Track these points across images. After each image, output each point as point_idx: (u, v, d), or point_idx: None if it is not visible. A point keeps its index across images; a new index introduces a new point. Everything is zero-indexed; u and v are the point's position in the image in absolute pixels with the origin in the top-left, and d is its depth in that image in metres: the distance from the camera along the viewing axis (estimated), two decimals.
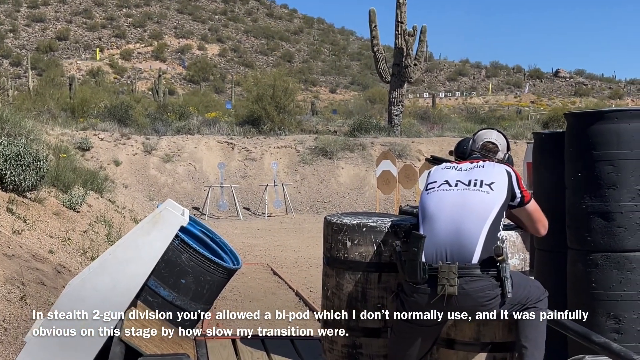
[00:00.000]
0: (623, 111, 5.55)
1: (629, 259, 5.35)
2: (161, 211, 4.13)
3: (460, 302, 3.62)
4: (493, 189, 3.83)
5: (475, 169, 3.96)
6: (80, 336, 3.87)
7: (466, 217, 3.74)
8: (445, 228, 3.75)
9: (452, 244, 3.70)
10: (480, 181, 3.87)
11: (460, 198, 3.83)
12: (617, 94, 79.29)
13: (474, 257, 3.64)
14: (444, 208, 3.83)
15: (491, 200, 3.79)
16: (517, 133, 28.09)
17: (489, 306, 3.64)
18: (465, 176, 3.93)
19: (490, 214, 3.75)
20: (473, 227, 3.71)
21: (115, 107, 29.19)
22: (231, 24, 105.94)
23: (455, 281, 3.59)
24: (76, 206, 11.09)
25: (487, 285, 3.62)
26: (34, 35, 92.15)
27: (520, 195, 3.95)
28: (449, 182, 3.94)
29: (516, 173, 4.01)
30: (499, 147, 4.22)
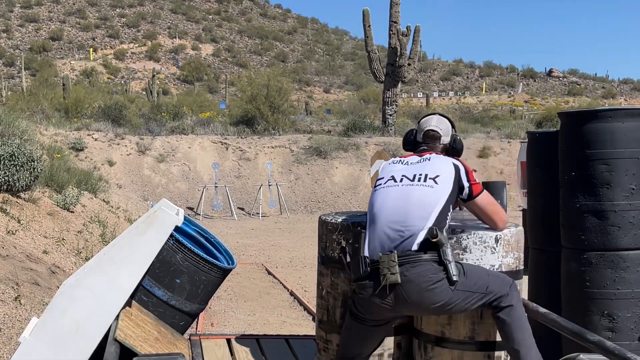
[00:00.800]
0: (616, 110, 5.56)
1: (623, 257, 5.37)
2: (156, 211, 4.12)
3: (405, 291, 3.55)
4: (437, 182, 3.77)
5: (422, 163, 3.91)
6: (75, 336, 3.87)
7: (409, 212, 3.70)
8: (388, 223, 3.72)
9: (395, 237, 3.67)
10: (424, 175, 3.81)
11: (404, 193, 3.79)
12: (610, 93, 79.52)
13: (414, 246, 3.60)
14: (387, 204, 3.79)
15: (435, 195, 3.74)
16: (511, 132, 28.15)
17: (436, 291, 3.54)
18: (410, 170, 3.89)
19: (434, 208, 3.69)
20: (416, 221, 3.66)
21: (109, 107, 29.17)
22: (225, 23, 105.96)
23: (396, 269, 3.53)
24: (70, 206, 11.07)
25: (428, 269, 3.55)
26: (28, 36, 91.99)
27: (468, 188, 3.84)
28: (394, 177, 3.91)
29: (465, 166, 3.91)
30: (440, 133, 4.16)
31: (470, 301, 3.63)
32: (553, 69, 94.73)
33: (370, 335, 3.88)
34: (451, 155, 4.12)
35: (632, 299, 5.37)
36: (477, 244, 3.77)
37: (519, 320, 3.69)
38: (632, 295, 5.37)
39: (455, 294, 3.58)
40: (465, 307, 3.65)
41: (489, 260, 3.77)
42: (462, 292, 3.59)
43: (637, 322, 5.41)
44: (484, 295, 3.64)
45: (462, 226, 3.91)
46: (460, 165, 3.89)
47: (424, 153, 4.03)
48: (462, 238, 3.79)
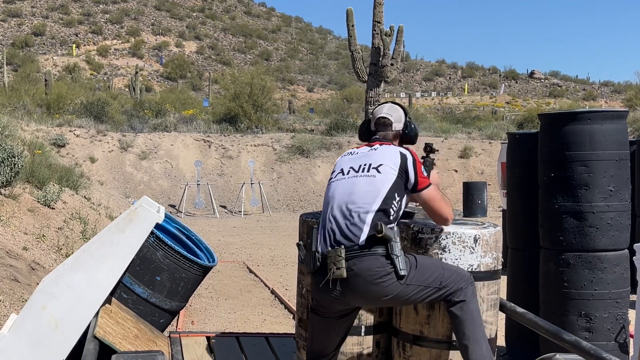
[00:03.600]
0: (595, 112, 5.62)
1: (601, 258, 5.42)
2: (136, 208, 4.12)
3: (353, 285, 3.60)
4: (380, 171, 3.77)
5: (368, 153, 3.92)
6: (54, 333, 3.86)
7: (352, 202, 3.73)
8: (335, 216, 3.76)
9: (341, 230, 3.70)
10: (368, 165, 3.83)
11: (349, 185, 3.82)
12: (591, 95, 79.91)
13: (360, 239, 3.62)
14: (334, 197, 3.84)
15: (377, 183, 3.74)
16: (492, 133, 28.26)
17: (383, 285, 3.57)
18: (357, 161, 3.91)
19: (377, 197, 3.70)
20: (359, 211, 3.68)
21: (91, 103, 29.04)
22: (209, 21, 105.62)
23: (342, 263, 3.57)
24: (51, 203, 11.02)
25: (375, 264, 3.57)
26: (10, 31, 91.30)
27: (414, 179, 3.80)
28: (343, 170, 3.94)
29: (414, 156, 3.87)
30: (391, 119, 4.11)
31: (423, 294, 3.66)
32: (535, 70, 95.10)
33: (332, 329, 3.92)
34: (404, 142, 4.12)
35: (609, 299, 5.43)
36: (456, 244, 3.80)
37: (471, 316, 3.68)
38: (609, 296, 5.43)
39: (406, 287, 3.61)
40: (419, 299, 3.69)
41: (467, 260, 3.80)
42: (414, 286, 3.63)
43: (614, 323, 5.47)
44: (438, 289, 3.67)
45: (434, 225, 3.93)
46: (409, 155, 3.86)
47: (374, 143, 4.02)
48: (441, 238, 3.81)
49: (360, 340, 4.13)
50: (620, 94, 75.10)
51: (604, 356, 3.15)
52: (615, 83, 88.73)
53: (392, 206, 3.72)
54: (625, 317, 5.56)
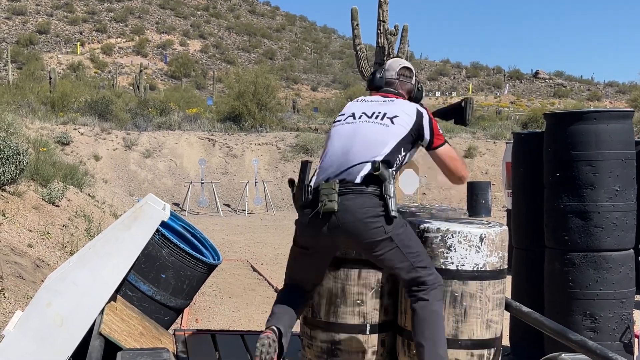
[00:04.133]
0: (601, 112, 5.62)
1: (606, 258, 5.41)
2: (142, 205, 4.12)
3: (341, 219, 3.58)
4: (394, 122, 3.78)
5: (385, 103, 3.93)
6: (59, 330, 3.87)
7: (357, 144, 3.74)
8: (336, 155, 3.79)
9: (339, 167, 3.72)
10: (383, 114, 3.83)
11: (358, 128, 3.83)
12: (595, 95, 79.78)
13: (357, 179, 3.63)
14: (340, 137, 3.86)
15: (388, 133, 3.75)
16: (497, 133, 28.24)
17: (370, 226, 3.56)
18: (370, 108, 3.91)
19: (385, 146, 3.71)
20: (362, 154, 3.69)
21: (95, 101, 29.05)
22: (213, 20, 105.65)
23: (334, 197, 3.56)
24: (55, 200, 11.03)
25: (367, 202, 3.58)
26: (15, 28, 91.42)
27: (429, 137, 3.84)
28: (354, 114, 3.93)
29: (430, 115, 3.91)
30: (413, 72, 4.17)
31: (398, 259, 3.65)
32: (539, 70, 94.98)
33: (310, 265, 3.94)
34: (413, 99, 4.12)
35: (614, 299, 5.42)
36: (461, 243, 3.79)
37: (434, 317, 3.66)
38: (614, 296, 5.42)
39: (388, 242, 3.62)
40: (390, 263, 3.68)
41: (473, 259, 3.79)
42: (395, 245, 3.64)
43: (619, 323, 5.46)
44: (411, 266, 3.67)
45: (446, 224, 3.93)
46: (425, 113, 3.89)
47: (389, 95, 4.03)
48: (447, 237, 3.81)
49: (365, 339, 4.12)
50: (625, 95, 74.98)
51: (610, 356, 3.14)
52: (620, 83, 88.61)
53: (397, 159, 3.75)
54: (631, 317, 5.55)
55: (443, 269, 3.82)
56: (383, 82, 4.14)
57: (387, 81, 4.14)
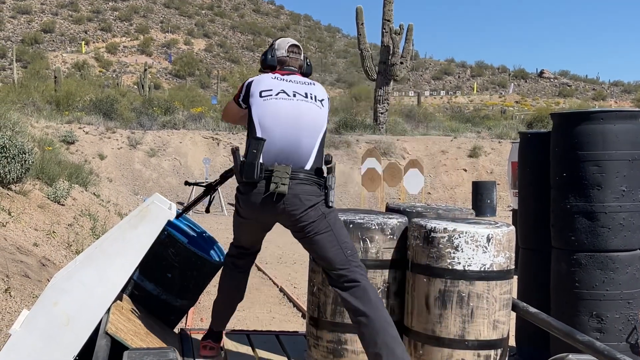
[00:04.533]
0: (608, 112, 5.59)
1: (613, 259, 5.40)
2: (149, 205, 4.12)
3: (288, 203, 3.86)
4: (323, 105, 4.13)
5: (308, 85, 4.18)
6: (66, 329, 3.87)
7: (304, 127, 4.00)
8: (284, 135, 3.96)
9: (290, 150, 3.94)
10: (315, 96, 4.11)
11: (299, 109, 4.03)
12: (600, 95, 79.73)
13: (307, 164, 3.93)
14: (283, 116, 4.01)
15: (322, 116, 4.10)
16: (502, 133, 28.21)
17: (311, 213, 3.87)
18: (300, 88, 4.13)
19: (322, 127, 4.07)
20: (309, 137, 3.99)
21: (100, 100, 29.11)
22: (218, 19, 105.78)
23: (287, 181, 3.81)
24: (61, 199, 11.05)
25: (313, 190, 3.90)
26: (20, 27, 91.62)
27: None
28: (285, 91, 4.09)
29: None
30: (301, 49, 4.39)
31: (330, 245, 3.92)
32: (544, 70, 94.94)
33: (254, 231, 4.29)
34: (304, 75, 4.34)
35: (620, 300, 5.40)
36: (468, 243, 3.79)
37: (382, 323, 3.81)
38: (621, 296, 5.40)
39: (323, 223, 3.91)
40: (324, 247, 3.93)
41: (480, 260, 3.79)
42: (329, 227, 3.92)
43: (626, 323, 5.44)
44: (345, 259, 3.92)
45: (453, 224, 3.92)
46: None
47: (295, 73, 4.25)
48: (454, 237, 3.80)
49: None
50: (630, 94, 74.94)
51: (617, 357, 3.13)
52: (625, 83, 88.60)
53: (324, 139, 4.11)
54: (637, 318, 5.53)
55: (450, 269, 3.81)
56: (275, 62, 4.33)
57: (279, 60, 4.33)
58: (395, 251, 4.13)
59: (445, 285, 3.83)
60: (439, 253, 3.84)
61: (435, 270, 3.86)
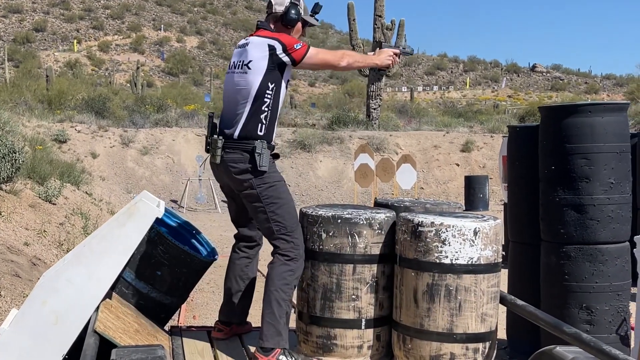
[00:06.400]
0: (596, 105, 5.61)
1: (602, 251, 5.42)
2: (136, 202, 4.12)
3: (221, 170, 4.27)
4: (250, 67, 4.16)
5: (243, 49, 4.30)
6: (55, 328, 3.87)
7: (233, 98, 4.23)
8: (224, 108, 4.33)
9: (225, 122, 4.26)
10: (241, 62, 4.24)
11: (230, 81, 4.30)
12: (593, 88, 79.82)
13: (235, 133, 4.16)
14: (224, 91, 4.39)
15: (249, 81, 4.15)
16: (494, 127, 28.22)
17: (241, 179, 4.16)
18: (237, 57, 4.32)
19: (250, 93, 4.14)
20: (237, 106, 4.18)
21: (92, 99, 29.02)
22: (210, 16, 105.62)
23: (218, 152, 4.14)
24: (52, 198, 11.03)
25: (238, 158, 4.14)
26: (11, 26, 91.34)
27: (289, 58, 4.16)
28: (230, 64, 4.38)
29: (284, 40, 4.17)
30: (272, 2, 4.39)
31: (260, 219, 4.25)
32: (536, 64, 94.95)
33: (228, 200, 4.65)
34: (284, 24, 4.37)
35: (610, 292, 5.43)
36: (456, 237, 3.80)
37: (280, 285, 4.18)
38: (610, 288, 5.43)
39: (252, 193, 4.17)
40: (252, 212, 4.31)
41: (467, 253, 3.79)
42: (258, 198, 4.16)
43: (615, 315, 5.47)
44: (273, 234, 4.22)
45: (440, 218, 3.92)
46: (277, 42, 4.16)
47: (252, 34, 4.37)
48: (441, 231, 3.81)
49: (361, 334, 4.13)
50: (622, 87, 75.02)
51: (603, 348, 3.14)
52: (617, 76, 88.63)
53: (265, 96, 4.14)
54: (627, 310, 5.55)
55: (437, 263, 3.82)
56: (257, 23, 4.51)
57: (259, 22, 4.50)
58: (384, 246, 4.14)
59: (433, 279, 3.84)
60: (426, 247, 3.84)
61: (423, 264, 3.87)
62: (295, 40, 4.24)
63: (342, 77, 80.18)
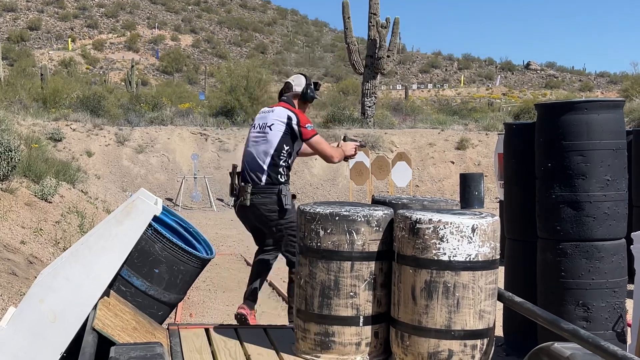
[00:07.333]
0: (592, 102, 5.63)
1: (598, 248, 5.43)
2: (134, 200, 4.12)
3: (251, 211, 5.42)
4: (272, 129, 5.38)
5: (267, 114, 5.53)
6: (53, 326, 3.87)
7: (257, 152, 5.43)
8: (247, 162, 5.49)
9: (249, 172, 5.44)
10: (264, 124, 5.46)
11: (253, 139, 5.50)
12: (587, 86, 79.82)
13: (261, 181, 5.35)
14: (247, 147, 5.55)
15: (269, 139, 5.38)
16: (489, 125, 28.24)
17: (272, 217, 5.36)
18: (261, 120, 5.53)
19: (270, 149, 5.36)
20: (260, 159, 5.39)
21: (87, 97, 28.97)
22: (204, 14, 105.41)
23: (247, 196, 5.33)
24: (48, 197, 11.02)
25: (268, 200, 5.33)
26: (5, 25, 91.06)
27: (299, 132, 5.42)
28: (255, 125, 5.59)
29: (299, 115, 5.45)
30: (292, 83, 5.65)
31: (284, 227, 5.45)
32: (531, 61, 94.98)
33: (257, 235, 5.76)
34: (302, 100, 5.68)
35: (606, 288, 5.44)
36: (453, 234, 3.80)
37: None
38: (607, 285, 5.44)
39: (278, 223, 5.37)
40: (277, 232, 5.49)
41: (465, 250, 3.80)
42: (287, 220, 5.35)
43: (612, 312, 5.48)
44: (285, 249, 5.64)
45: (438, 215, 3.93)
46: (294, 115, 5.43)
47: (275, 105, 5.61)
48: (439, 228, 3.82)
49: (359, 331, 4.14)
50: (617, 85, 75.06)
51: (602, 344, 3.15)
52: (611, 74, 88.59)
53: (282, 153, 5.38)
54: (623, 306, 5.57)
55: (435, 260, 3.82)
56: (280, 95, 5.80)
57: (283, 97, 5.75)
58: (381, 243, 4.15)
59: (431, 276, 3.85)
60: (424, 244, 3.85)
61: (421, 261, 3.87)
62: (308, 120, 5.49)
63: (337, 75, 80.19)
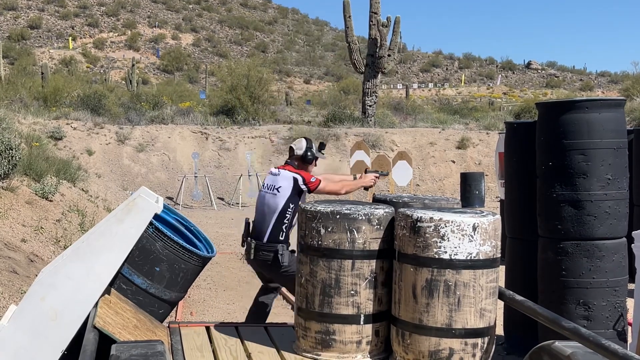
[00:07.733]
0: (593, 101, 5.62)
1: (599, 247, 5.43)
2: (135, 199, 4.11)
3: (255, 263, 5.95)
4: (279, 191, 5.83)
5: (275, 176, 5.96)
6: (54, 324, 3.87)
7: (264, 212, 5.90)
8: (256, 218, 6.00)
9: (255, 229, 5.95)
10: (272, 186, 5.90)
11: (263, 198, 5.97)
12: (588, 85, 79.76)
13: (264, 238, 5.82)
14: (258, 204, 6.04)
15: (277, 201, 5.82)
16: (489, 124, 28.23)
17: (273, 268, 5.83)
18: (270, 181, 5.97)
19: (276, 210, 5.80)
20: (266, 218, 5.85)
21: (88, 96, 28.95)
22: (205, 13, 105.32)
23: (252, 251, 5.82)
24: (49, 195, 11.02)
25: (268, 257, 5.79)
26: (6, 24, 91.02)
27: (306, 188, 5.81)
28: (264, 185, 6.02)
29: (304, 175, 5.84)
30: (294, 147, 6.13)
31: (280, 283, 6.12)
32: (532, 61, 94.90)
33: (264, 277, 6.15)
34: (302, 162, 6.08)
35: (607, 287, 5.44)
36: (454, 232, 3.80)
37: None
38: (607, 284, 5.44)
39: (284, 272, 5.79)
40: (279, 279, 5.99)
41: (466, 248, 3.80)
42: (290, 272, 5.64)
43: (612, 311, 5.48)
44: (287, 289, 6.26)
45: (439, 214, 3.93)
46: (299, 176, 5.84)
47: (281, 167, 6.05)
48: (440, 226, 3.82)
49: (360, 329, 4.14)
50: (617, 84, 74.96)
51: (603, 343, 3.15)
52: (612, 73, 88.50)
53: (287, 212, 5.80)
54: (624, 305, 5.57)
55: (436, 258, 3.82)
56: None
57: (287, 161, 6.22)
58: (382, 241, 4.15)
59: (432, 275, 3.85)
60: (425, 242, 3.85)
61: (422, 259, 3.87)
62: (310, 175, 5.89)
63: (337, 74, 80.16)
